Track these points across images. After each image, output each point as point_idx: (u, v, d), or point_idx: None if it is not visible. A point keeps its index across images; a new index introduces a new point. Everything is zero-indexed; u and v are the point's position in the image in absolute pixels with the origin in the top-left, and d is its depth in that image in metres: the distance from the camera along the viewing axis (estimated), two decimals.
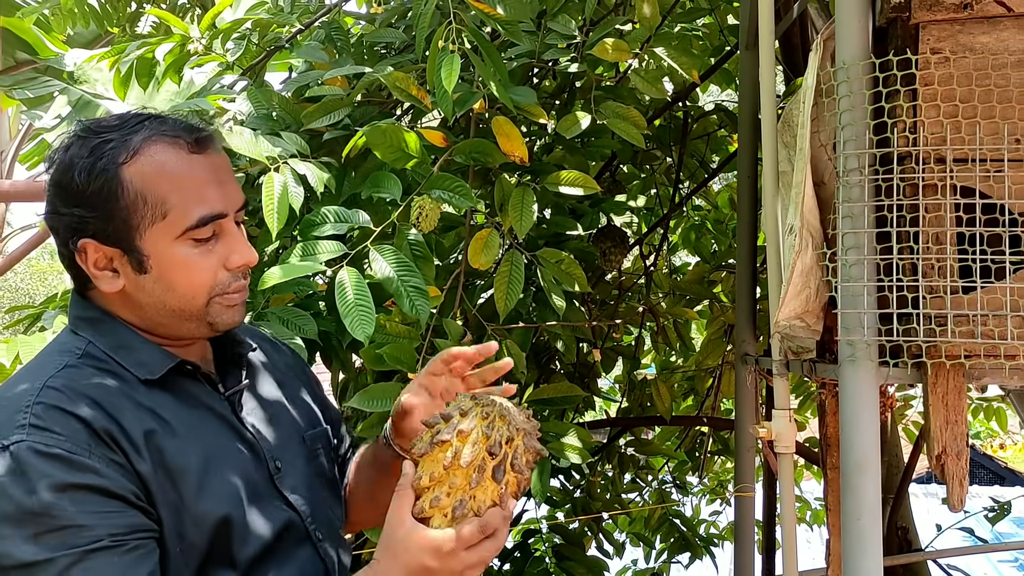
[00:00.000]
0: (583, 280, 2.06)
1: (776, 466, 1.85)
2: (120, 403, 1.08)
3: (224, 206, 1.14)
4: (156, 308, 1.14)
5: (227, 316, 1.17)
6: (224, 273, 1.15)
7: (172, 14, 4.09)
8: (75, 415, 1.03)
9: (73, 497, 0.99)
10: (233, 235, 1.15)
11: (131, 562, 1.00)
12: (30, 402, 1.04)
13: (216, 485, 1.11)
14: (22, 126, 9.36)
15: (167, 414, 1.12)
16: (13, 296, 20.23)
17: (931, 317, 1.35)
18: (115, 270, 1.13)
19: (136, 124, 1.12)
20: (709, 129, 3.12)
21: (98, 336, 1.14)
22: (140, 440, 1.06)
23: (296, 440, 1.28)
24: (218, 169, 1.15)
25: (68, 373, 1.09)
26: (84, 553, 0.97)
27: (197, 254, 1.12)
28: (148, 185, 1.09)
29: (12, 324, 2.47)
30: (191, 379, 1.18)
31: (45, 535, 0.97)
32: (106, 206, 1.10)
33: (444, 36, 1.76)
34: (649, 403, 3.24)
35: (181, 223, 1.11)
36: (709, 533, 3.72)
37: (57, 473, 0.99)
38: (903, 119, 1.38)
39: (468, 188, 1.86)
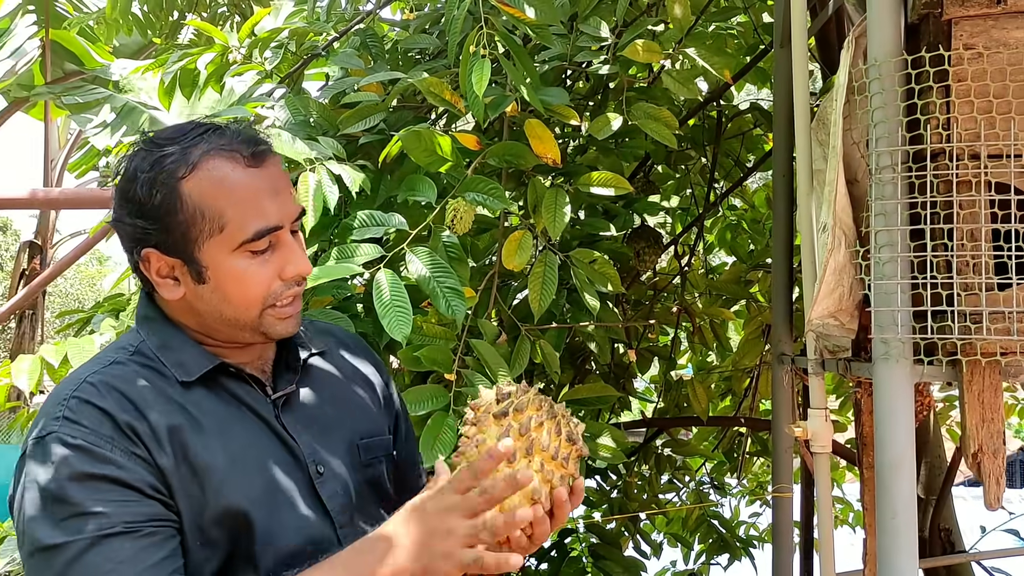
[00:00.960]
0: (616, 280, 2.06)
1: (813, 466, 1.85)
2: (152, 399, 1.12)
3: (279, 218, 1.17)
4: (213, 316, 1.18)
5: (279, 327, 1.20)
6: (278, 283, 1.18)
7: (212, 22, 4.17)
8: (103, 409, 1.09)
9: (90, 486, 1.04)
10: (288, 246, 1.18)
11: (144, 547, 1.04)
12: (68, 396, 1.10)
13: (240, 483, 1.13)
14: (71, 135, 9.59)
15: (200, 412, 1.15)
16: (63, 301, 20.67)
17: (966, 314, 1.33)
18: (176, 279, 1.18)
19: (195, 137, 1.16)
20: (744, 128, 3.10)
21: (150, 335, 1.20)
22: (164, 435, 1.10)
23: (344, 447, 1.27)
24: (274, 181, 1.18)
25: (110, 369, 1.15)
26: (98, 538, 1.02)
27: (253, 265, 1.16)
28: (206, 199, 1.13)
29: (63, 328, 2.55)
30: (237, 380, 1.21)
31: (64, 520, 1.03)
32: (166, 219, 1.14)
33: (475, 41, 1.78)
34: (686, 404, 3.23)
35: (238, 236, 1.14)
36: (749, 534, 3.70)
37: (78, 463, 1.05)
38: (936, 116, 1.37)
39: (502, 190, 1.88)
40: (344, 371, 1.36)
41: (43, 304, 9.71)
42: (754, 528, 3.84)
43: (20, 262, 9.12)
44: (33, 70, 7.38)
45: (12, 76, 7.74)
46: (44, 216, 9.17)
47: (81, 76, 7.20)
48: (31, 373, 2.10)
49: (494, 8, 1.82)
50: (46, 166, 9.37)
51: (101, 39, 6.15)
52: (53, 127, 9.35)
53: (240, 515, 1.12)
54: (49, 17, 6.84)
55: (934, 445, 2.96)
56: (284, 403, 1.24)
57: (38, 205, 7.84)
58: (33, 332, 9.16)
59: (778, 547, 2.41)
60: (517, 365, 2.00)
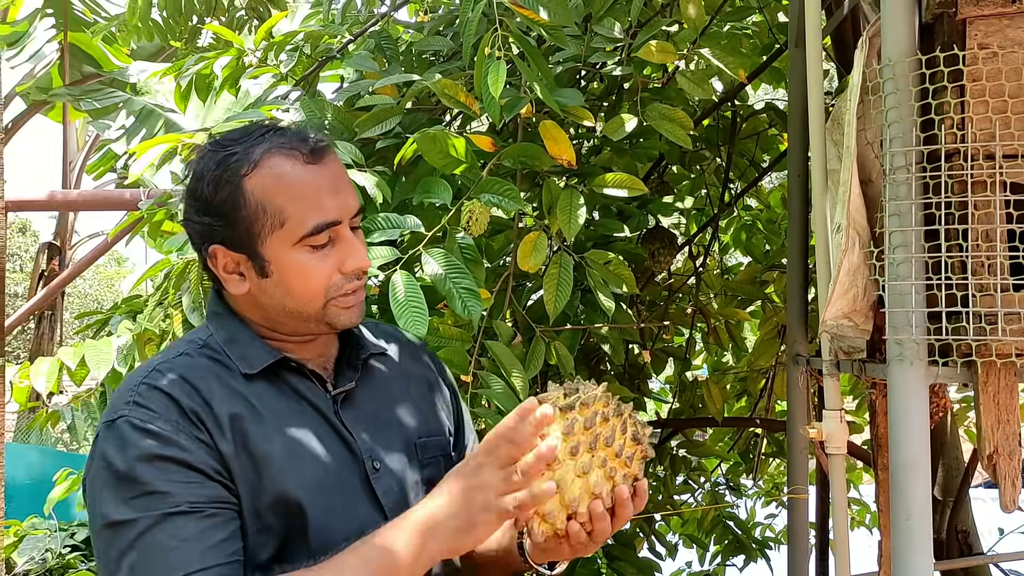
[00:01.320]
0: (631, 281, 2.07)
1: (828, 467, 1.84)
2: (215, 389, 1.17)
3: (338, 213, 1.20)
4: (277, 310, 1.23)
5: (344, 317, 1.24)
6: (338, 276, 1.22)
7: (231, 27, 4.20)
8: (169, 395, 1.14)
9: (158, 467, 1.09)
10: (348, 240, 1.22)
11: (207, 527, 1.09)
12: (138, 383, 1.16)
13: (296, 473, 1.17)
14: (89, 137, 9.67)
15: (260, 403, 1.19)
16: (82, 302, 20.84)
17: (981, 315, 1.33)
18: (242, 274, 1.23)
19: (258, 137, 1.21)
20: (759, 128, 3.09)
21: (218, 330, 1.25)
22: (226, 422, 1.15)
23: (402, 444, 1.29)
24: (333, 177, 1.22)
25: (179, 360, 1.20)
26: (163, 516, 1.07)
27: (313, 259, 1.20)
28: (267, 196, 1.18)
29: (82, 329, 2.58)
30: (298, 375, 1.25)
31: (133, 499, 1.08)
32: (231, 215, 1.19)
33: (490, 43, 1.79)
34: (701, 404, 3.23)
35: (298, 231, 1.18)
36: (765, 536, 3.69)
37: (147, 445, 1.10)
38: (951, 115, 1.37)
39: (517, 191, 1.89)
40: (405, 372, 1.38)
41: (62, 305, 9.80)
42: (770, 529, 3.83)
43: (39, 263, 9.21)
44: (52, 73, 7.46)
45: (31, 79, 7.82)
46: (63, 217, 9.26)
47: (99, 79, 7.27)
48: (49, 375, 2.13)
49: (508, 10, 1.83)
50: (65, 168, 9.46)
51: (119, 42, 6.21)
52: (71, 129, 9.44)
53: (294, 503, 1.15)
54: (67, 20, 6.91)
55: (951, 446, 2.95)
56: (344, 399, 1.27)
57: (56, 207, 7.93)
58: (52, 333, 9.25)
59: (793, 548, 2.40)
60: (532, 366, 2.00)
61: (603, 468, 1.11)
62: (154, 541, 1.06)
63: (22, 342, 17.00)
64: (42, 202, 6.85)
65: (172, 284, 1.99)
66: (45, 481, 4.58)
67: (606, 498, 1.11)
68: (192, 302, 1.96)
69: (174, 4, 3.87)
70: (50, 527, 4.09)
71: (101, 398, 2.31)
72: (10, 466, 4.78)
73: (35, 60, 7.62)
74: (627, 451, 1.13)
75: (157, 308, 2.14)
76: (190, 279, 1.96)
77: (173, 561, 1.06)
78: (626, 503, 1.13)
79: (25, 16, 7.28)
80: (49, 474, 3.92)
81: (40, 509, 4.05)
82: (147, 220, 2.33)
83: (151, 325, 2.12)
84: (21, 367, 2.28)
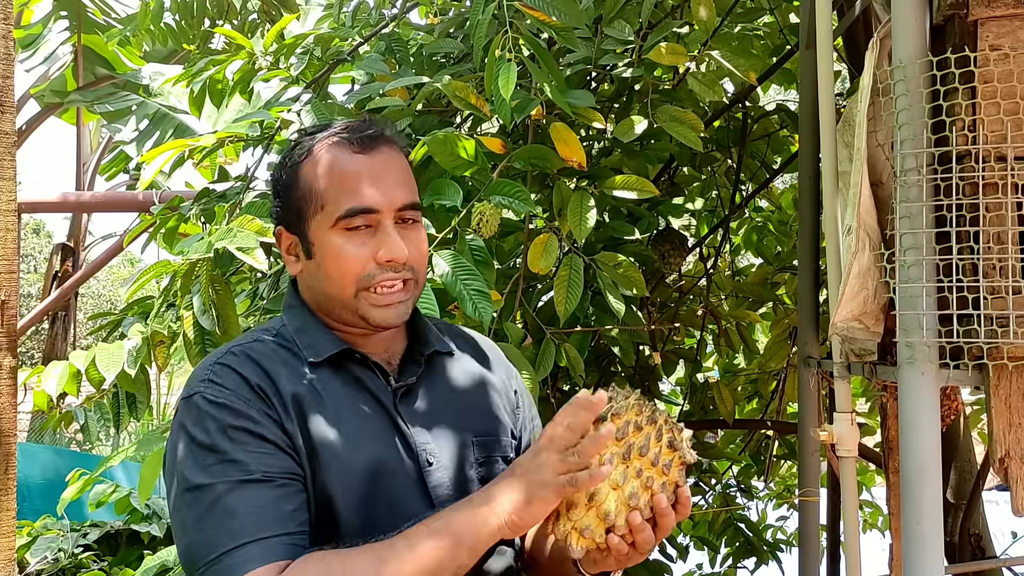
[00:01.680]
0: (641, 283, 2.06)
1: (839, 470, 1.84)
2: (282, 371, 1.23)
3: (376, 202, 1.23)
4: (317, 292, 1.28)
5: (377, 314, 1.25)
6: (373, 265, 1.23)
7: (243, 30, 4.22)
8: (241, 374, 1.20)
9: (233, 437, 1.16)
10: (386, 231, 1.24)
11: (279, 496, 1.14)
12: (213, 363, 1.23)
13: (348, 460, 1.20)
14: (103, 139, 9.72)
15: (322, 389, 1.23)
16: (95, 302, 20.95)
17: (992, 318, 1.32)
18: (296, 256, 1.30)
19: (324, 128, 1.30)
20: (770, 130, 3.09)
21: (291, 320, 1.31)
22: (289, 403, 1.20)
23: (459, 443, 1.30)
24: (379, 168, 1.25)
25: (251, 344, 1.27)
26: (238, 483, 1.13)
27: (349, 244, 1.23)
28: (314, 180, 1.25)
29: (95, 331, 2.59)
30: (362, 366, 1.28)
31: (210, 466, 1.14)
32: (287, 198, 1.28)
33: (501, 45, 1.79)
34: (712, 406, 3.22)
35: (333, 213, 1.23)
36: (776, 538, 3.68)
37: (221, 417, 1.17)
38: (962, 117, 1.36)
39: (527, 193, 1.89)
40: (471, 373, 1.39)
41: (75, 305, 9.85)
42: (781, 532, 3.82)
43: (53, 264, 9.26)
44: (65, 75, 7.51)
45: (45, 81, 7.87)
46: (76, 219, 9.31)
47: (112, 81, 7.32)
48: (60, 379, 2.14)
49: (519, 12, 1.83)
50: (78, 169, 9.51)
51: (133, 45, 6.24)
52: (85, 131, 9.50)
53: (341, 490, 1.19)
54: (81, 23, 6.95)
55: (964, 449, 2.93)
56: (404, 393, 1.29)
57: (69, 208, 7.98)
58: (65, 333, 9.30)
59: (804, 551, 2.40)
60: (542, 368, 2.00)
61: (639, 478, 1.10)
62: (229, 505, 1.12)
63: (36, 343, 17.11)
64: (55, 203, 6.89)
65: (180, 286, 2.00)
66: (58, 481, 4.61)
67: (644, 508, 1.10)
68: (203, 304, 1.97)
69: (186, 8, 3.89)
70: (62, 527, 4.11)
71: (114, 399, 2.32)
72: (24, 466, 4.81)
73: (49, 62, 7.67)
74: (664, 459, 1.11)
75: (167, 310, 2.15)
76: (200, 281, 1.96)
77: (247, 526, 1.11)
78: (666, 511, 1.12)
79: (39, 19, 7.33)
80: (63, 474, 3.95)
81: (53, 509, 4.08)
82: (160, 224, 2.35)
83: (161, 327, 2.13)
84: (34, 370, 2.30)
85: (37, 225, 21.06)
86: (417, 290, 1.29)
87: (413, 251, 1.26)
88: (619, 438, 1.09)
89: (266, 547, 1.10)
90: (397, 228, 1.25)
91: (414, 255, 1.26)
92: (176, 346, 2.15)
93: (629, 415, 1.11)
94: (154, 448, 2.18)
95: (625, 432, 1.10)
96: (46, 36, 7.37)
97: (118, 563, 3.89)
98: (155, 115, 6.35)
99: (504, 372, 1.45)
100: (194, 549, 1.13)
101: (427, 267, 1.34)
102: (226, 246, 1.85)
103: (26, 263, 19.66)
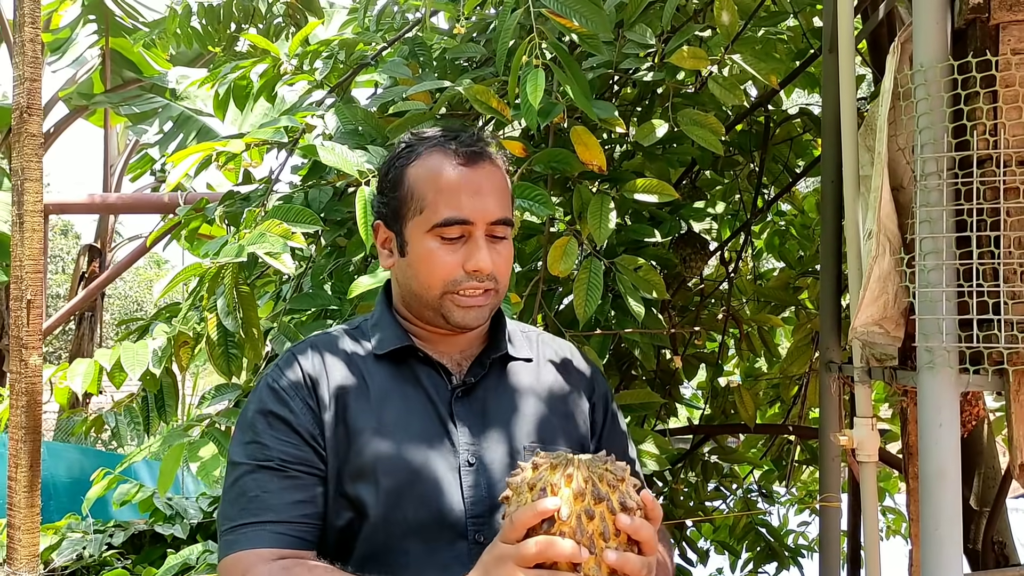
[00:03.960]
0: (661, 287, 2.07)
1: (859, 475, 1.83)
2: (339, 363, 1.31)
3: (471, 214, 1.28)
4: (405, 289, 1.34)
5: (458, 315, 1.30)
6: (461, 273, 1.29)
7: (268, 34, 4.26)
8: (300, 364, 1.30)
9: (270, 421, 1.25)
10: (476, 242, 1.29)
11: (288, 486, 1.22)
12: (290, 349, 1.34)
13: (382, 450, 1.24)
14: (130, 141, 9.84)
15: (374, 382, 1.30)
16: (122, 303, 21.18)
17: (1013, 323, 1.32)
18: (390, 251, 1.36)
19: (433, 135, 1.36)
20: (793, 134, 3.07)
21: (374, 314, 1.39)
22: (332, 393, 1.27)
23: (507, 446, 1.31)
24: (478, 181, 1.30)
25: (325, 336, 1.37)
26: (256, 467, 1.23)
27: (441, 250, 1.29)
28: (417, 184, 1.31)
29: (123, 336, 2.62)
30: (424, 364, 1.33)
31: (246, 444, 1.25)
32: (390, 196, 1.34)
33: (527, 51, 1.80)
34: (733, 411, 3.21)
35: (431, 219, 1.29)
36: (797, 544, 3.66)
37: (268, 400, 1.27)
38: (983, 121, 1.36)
39: (548, 196, 1.90)
40: (543, 381, 1.40)
41: (101, 306, 9.96)
42: (803, 537, 3.80)
43: (80, 265, 9.38)
44: (93, 78, 7.61)
45: (73, 84, 7.98)
46: (104, 220, 9.42)
47: (139, 84, 7.40)
48: (86, 376, 2.17)
49: (543, 17, 1.84)
50: (105, 171, 9.63)
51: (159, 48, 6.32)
52: (112, 133, 9.61)
53: (371, 480, 1.23)
54: (109, 26, 7.04)
55: (988, 456, 2.90)
56: (463, 394, 1.32)
57: (95, 209, 8.07)
58: (92, 333, 9.41)
59: (825, 557, 2.38)
60: None
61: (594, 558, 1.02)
62: (245, 485, 1.22)
63: (63, 343, 17.32)
64: (82, 204, 6.99)
65: (206, 288, 2.03)
66: (83, 479, 4.66)
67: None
68: (227, 305, 2.00)
69: (212, 12, 3.94)
70: (87, 528, 4.16)
71: (143, 402, 2.35)
72: (50, 464, 4.87)
73: (77, 65, 7.77)
74: (611, 527, 1.03)
75: (192, 311, 2.18)
76: (224, 283, 1.99)
77: (251, 508, 1.20)
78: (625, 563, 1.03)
79: (68, 23, 7.43)
80: (88, 473, 3.99)
81: (78, 507, 4.13)
82: (184, 224, 2.38)
83: (186, 328, 2.16)
84: (59, 367, 2.33)
85: (66, 226, 21.34)
86: (497, 299, 1.33)
87: (499, 263, 1.31)
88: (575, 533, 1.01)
89: (258, 533, 1.19)
90: (487, 241, 1.30)
91: (499, 267, 1.31)
92: (199, 348, 2.18)
93: (576, 505, 1.02)
94: (175, 444, 2.20)
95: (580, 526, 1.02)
96: (74, 39, 7.47)
97: (141, 561, 3.93)
98: (179, 117, 6.42)
99: (584, 384, 1.44)
100: (219, 515, 1.25)
101: (510, 279, 1.38)
102: (255, 250, 1.87)
103: (54, 264, 19.91)
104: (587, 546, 1.02)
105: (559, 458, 1.05)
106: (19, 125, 1.86)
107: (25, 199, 1.85)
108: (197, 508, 4.25)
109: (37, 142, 1.87)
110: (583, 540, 1.02)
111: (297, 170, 2.36)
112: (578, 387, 1.43)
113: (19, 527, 1.82)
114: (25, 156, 1.85)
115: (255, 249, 1.89)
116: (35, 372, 1.91)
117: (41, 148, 1.91)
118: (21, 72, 1.84)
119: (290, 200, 2.15)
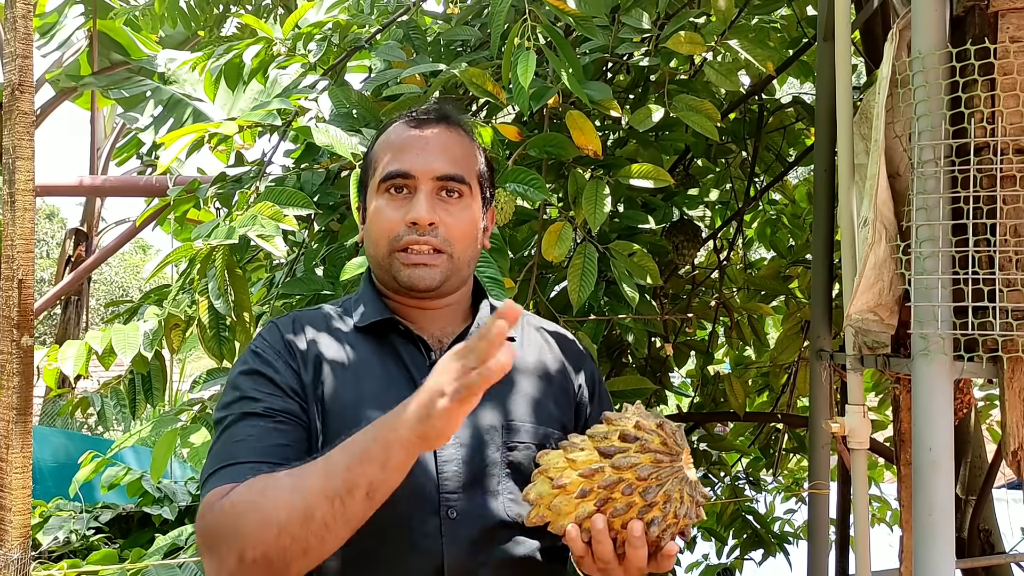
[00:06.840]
0: (655, 273, 2.07)
1: (850, 462, 1.84)
2: (320, 333, 1.32)
3: (412, 168, 1.29)
4: (370, 256, 1.35)
5: (404, 273, 1.29)
6: (403, 227, 1.29)
7: (256, 15, 4.23)
8: (281, 332, 1.32)
9: (254, 379, 1.26)
10: (418, 196, 1.29)
11: (273, 430, 1.21)
12: (272, 321, 1.36)
13: (355, 419, 1.21)
14: (117, 124, 9.75)
15: (353, 352, 1.30)
16: (108, 288, 21.05)
17: (1008, 311, 1.32)
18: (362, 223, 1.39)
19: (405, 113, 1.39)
20: (786, 122, 3.08)
21: (360, 290, 1.40)
22: (311, 358, 1.29)
23: (488, 424, 1.29)
24: (427, 140, 1.32)
25: (309, 311, 1.39)
26: (243, 415, 1.22)
27: (387, 207, 1.30)
28: (375, 149, 1.37)
29: (112, 318, 2.60)
30: (404, 339, 1.32)
31: (230, 403, 1.25)
32: (363, 172, 1.40)
33: (520, 33, 1.79)
34: (722, 399, 3.22)
35: (378, 176, 1.32)
36: (784, 531, 3.68)
37: (252, 363, 1.28)
38: (980, 109, 1.36)
39: (542, 181, 1.89)
40: (527, 361, 1.38)
41: (88, 290, 9.90)
42: (789, 524, 3.82)
43: (66, 249, 9.31)
44: (80, 60, 7.52)
45: (60, 66, 7.89)
46: (90, 204, 9.35)
47: (127, 66, 7.33)
48: (76, 359, 2.15)
49: (537, 0, 1.83)
50: (92, 154, 9.55)
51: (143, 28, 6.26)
52: (99, 116, 9.52)
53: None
54: (96, 8, 6.97)
55: (975, 444, 2.92)
56: None
57: (83, 192, 8.00)
58: (78, 318, 9.36)
59: (813, 544, 2.40)
60: None
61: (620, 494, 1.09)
62: (231, 433, 1.21)
63: (48, 327, 17.20)
64: (70, 187, 6.92)
65: (197, 270, 2.01)
66: (70, 464, 4.64)
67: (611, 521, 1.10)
68: (219, 288, 1.98)
69: None
70: (74, 508, 4.15)
71: (130, 385, 2.33)
72: (36, 448, 4.85)
73: (64, 47, 7.69)
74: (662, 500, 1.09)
75: (183, 294, 2.16)
76: (216, 265, 1.97)
77: (236, 450, 1.19)
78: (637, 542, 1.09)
79: (55, 6, 7.35)
80: (74, 457, 3.97)
81: (65, 492, 4.11)
82: (173, 207, 2.36)
83: (176, 311, 2.14)
84: (49, 350, 2.30)
85: (51, 210, 21.17)
86: (452, 264, 1.30)
87: (449, 221, 1.29)
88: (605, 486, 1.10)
89: (238, 470, 1.16)
90: (437, 198, 1.29)
91: (450, 225, 1.29)
92: (191, 331, 2.16)
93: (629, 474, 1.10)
94: (167, 430, 2.19)
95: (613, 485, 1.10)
96: (62, 22, 7.39)
97: (129, 544, 3.92)
98: (169, 101, 6.36)
99: (570, 365, 1.42)
100: (204, 469, 1.23)
101: (471, 246, 1.34)
102: (247, 233, 1.86)
103: (39, 248, 19.76)
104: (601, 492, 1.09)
105: None
106: (11, 103, 1.83)
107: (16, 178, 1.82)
108: (185, 491, 4.24)
109: (29, 120, 1.84)
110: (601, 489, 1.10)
111: (290, 154, 2.34)
112: (564, 368, 1.41)
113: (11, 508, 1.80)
114: (16, 134, 1.82)
115: (247, 231, 1.87)
116: (27, 352, 1.89)
117: (32, 126, 1.88)
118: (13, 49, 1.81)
119: (283, 182, 2.14)
